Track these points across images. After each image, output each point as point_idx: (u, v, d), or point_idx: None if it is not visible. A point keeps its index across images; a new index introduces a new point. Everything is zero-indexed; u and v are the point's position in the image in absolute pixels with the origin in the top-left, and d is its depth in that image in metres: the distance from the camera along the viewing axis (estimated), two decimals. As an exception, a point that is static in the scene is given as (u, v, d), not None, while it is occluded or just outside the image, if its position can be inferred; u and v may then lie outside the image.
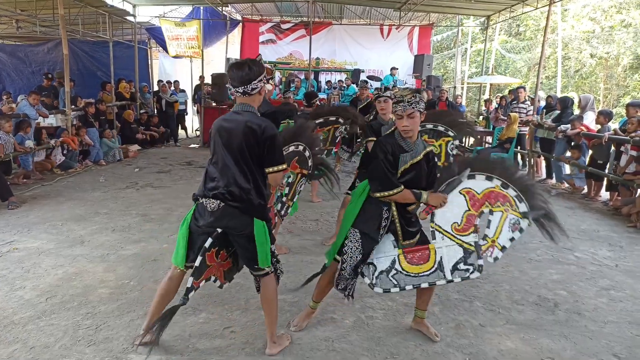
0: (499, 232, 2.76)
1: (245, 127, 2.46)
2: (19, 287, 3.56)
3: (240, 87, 2.52)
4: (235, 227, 2.54)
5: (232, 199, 2.50)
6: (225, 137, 2.51)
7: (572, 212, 6.36)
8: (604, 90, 21.55)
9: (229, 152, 2.50)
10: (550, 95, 9.32)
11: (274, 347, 2.75)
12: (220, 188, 2.51)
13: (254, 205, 2.53)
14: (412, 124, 2.66)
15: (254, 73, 2.52)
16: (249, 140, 2.47)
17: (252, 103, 2.58)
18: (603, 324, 3.28)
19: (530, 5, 11.08)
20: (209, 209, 2.53)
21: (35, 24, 12.14)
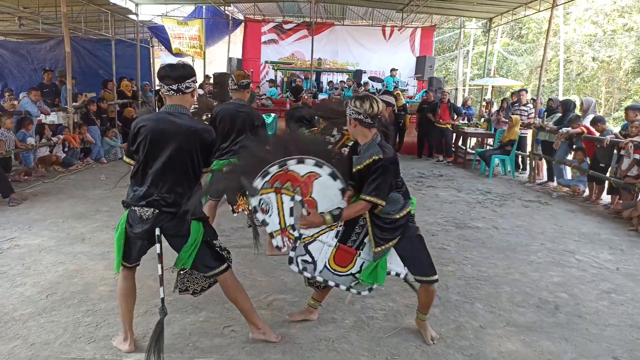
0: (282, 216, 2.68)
1: (190, 132, 2.44)
2: (20, 284, 3.56)
3: (174, 84, 2.44)
4: (170, 228, 2.51)
5: (167, 205, 2.45)
6: (161, 140, 2.41)
7: (573, 215, 6.36)
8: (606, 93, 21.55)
9: (166, 156, 2.41)
10: (552, 98, 9.31)
11: (256, 332, 2.79)
12: (154, 195, 2.43)
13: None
14: (351, 130, 2.70)
15: (187, 72, 2.48)
16: (190, 144, 2.44)
17: (185, 104, 2.51)
18: (604, 327, 3.28)
19: (533, 8, 11.08)
20: (144, 217, 2.46)
21: (37, 21, 12.15)
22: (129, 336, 2.72)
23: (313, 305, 3.14)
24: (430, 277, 2.78)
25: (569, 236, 5.38)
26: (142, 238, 2.53)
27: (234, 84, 4.13)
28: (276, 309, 3.31)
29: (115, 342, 2.77)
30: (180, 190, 2.48)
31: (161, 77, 2.48)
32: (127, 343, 2.71)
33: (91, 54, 13.73)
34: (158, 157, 2.42)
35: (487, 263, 4.40)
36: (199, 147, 2.48)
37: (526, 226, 5.68)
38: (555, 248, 4.94)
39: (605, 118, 7.66)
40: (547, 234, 5.41)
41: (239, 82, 4.12)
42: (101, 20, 12.73)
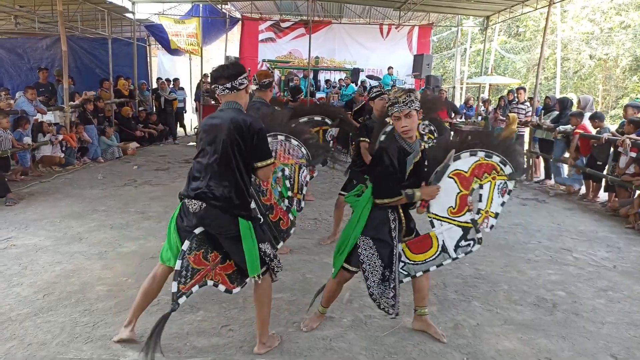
0: (490, 201, 2.87)
1: (230, 123, 2.44)
2: (16, 284, 3.55)
3: (228, 82, 2.50)
4: (218, 228, 2.51)
5: (214, 198, 2.46)
6: (210, 134, 2.49)
7: (571, 213, 6.37)
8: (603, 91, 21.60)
9: (213, 150, 2.47)
10: (549, 96, 9.31)
11: (262, 348, 2.74)
12: (202, 187, 2.48)
13: (234, 204, 2.48)
14: (409, 123, 2.64)
15: (238, 69, 2.54)
16: (233, 137, 2.43)
17: (239, 100, 2.55)
18: (601, 324, 3.28)
19: (530, 6, 11.09)
20: (192, 209, 2.50)
21: (33, 20, 12.11)
22: (132, 324, 2.73)
23: (323, 312, 3.10)
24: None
25: (567, 234, 5.39)
26: (188, 231, 2.53)
27: (256, 84, 4.14)
28: (274, 308, 3.28)
29: (117, 337, 2.77)
30: (227, 184, 2.46)
31: (215, 78, 2.54)
32: (128, 329, 2.73)
33: (88, 53, 13.68)
34: (208, 151, 2.49)
35: (485, 261, 4.40)
36: (241, 138, 2.44)
37: (524, 224, 5.68)
38: (553, 246, 4.95)
39: (604, 115, 7.65)
40: (544, 232, 5.41)
41: (261, 81, 4.13)
42: (98, 19, 12.68)
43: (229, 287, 2.63)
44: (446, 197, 2.83)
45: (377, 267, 2.71)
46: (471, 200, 2.84)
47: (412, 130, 2.67)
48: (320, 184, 7.45)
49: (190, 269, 2.50)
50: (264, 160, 2.52)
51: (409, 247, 2.87)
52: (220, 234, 2.52)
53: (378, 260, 2.71)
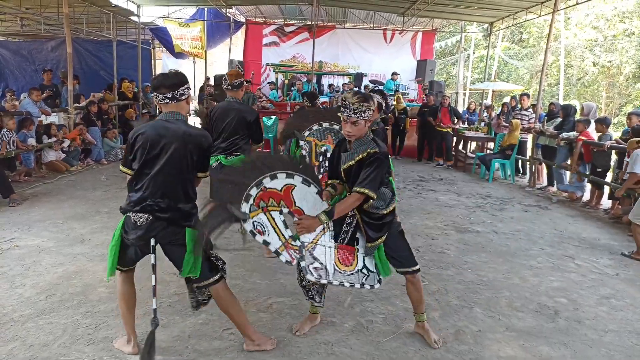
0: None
1: (186, 136, 2.46)
2: (19, 285, 3.56)
3: (169, 92, 2.48)
4: (165, 237, 2.51)
5: (160, 210, 2.45)
6: (158, 145, 2.43)
7: (573, 220, 6.36)
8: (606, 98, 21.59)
9: (161, 161, 2.43)
10: (553, 102, 9.31)
11: (250, 345, 2.77)
12: (147, 200, 2.45)
13: (184, 213, 2.51)
14: (354, 130, 2.65)
15: (180, 80, 2.52)
16: (186, 149, 2.46)
17: (181, 110, 2.54)
18: (603, 332, 3.27)
19: (534, 12, 11.10)
20: (138, 223, 2.47)
21: (39, 22, 12.18)
22: (132, 339, 2.72)
23: (314, 312, 3.13)
24: (412, 267, 2.87)
25: (569, 241, 5.38)
26: (136, 245, 2.54)
27: (227, 84, 4.16)
28: (275, 312, 3.31)
29: (118, 345, 2.77)
30: (175, 196, 2.48)
31: (155, 86, 2.52)
32: (131, 345, 2.72)
33: (92, 55, 13.73)
34: (154, 163, 2.45)
35: (487, 267, 4.40)
36: (195, 151, 2.50)
37: (526, 231, 5.67)
38: (555, 253, 4.94)
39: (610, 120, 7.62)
40: (546, 239, 5.41)
41: (232, 82, 4.15)
42: (103, 21, 12.75)
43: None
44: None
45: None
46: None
47: (355, 136, 2.69)
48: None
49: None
50: (205, 172, 2.65)
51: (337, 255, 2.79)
52: (169, 243, 2.54)
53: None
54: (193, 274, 2.54)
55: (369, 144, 2.67)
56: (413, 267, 2.87)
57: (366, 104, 2.62)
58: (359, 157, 2.65)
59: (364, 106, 2.61)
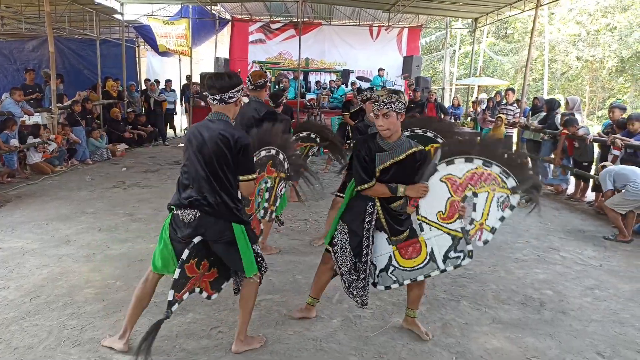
0: (487, 213, 2.71)
1: (219, 135, 2.47)
2: (3, 287, 3.50)
3: (218, 94, 2.52)
4: (213, 235, 2.53)
5: (208, 205, 2.49)
6: (197, 144, 2.50)
7: (558, 213, 6.44)
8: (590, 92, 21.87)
9: (201, 159, 2.49)
10: (537, 97, 9.41)
11: (239, 345, 2.76)
12: (195, 195, 2.49)
13: (229, 209, 2.52)
14: (387, 123, 2.67)
15: (232, 82, 2.54)
16: (220, 149, 2.47)
17: (228, 112, 2.58)
18: (587, 322, 3.33)
19: (518, 8, 11.20)
20: (185, 220, 2.51)
21: (20, 20, 11.96)
22: (126, 335, 2.71)
23: (311, 303, 3.16)
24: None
25: (554, 233, 5.45)
26: (183, 242, 2.54)
27: (251, 84, 4.17)
28: (264, 309, 3.30)
29: (107, 342, 2.75)
30: (219, 191, 2.49)
31: (208, 86, 2.56)
32: (123, 341, 2.70)
33: (76, 54, 13.54)
34: (196, 160, 2.50)
35: (473, 261, 4.34)
36: (229, 152, 2.48)
37: (512, 224, 5.73)
38: (540, 245, 5.00)
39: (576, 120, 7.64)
40: (532, 232, 5.47)
41: (256, 82, 4.15)
42: (86, 19, 12.58)
43: (209, 294, 2.74)
44: (436, 200, 2.76)
45: (347, 254, 2.83)
46: (463, 207, 2.74)
47: (389, 130, 2.69)
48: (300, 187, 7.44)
49: (184, 277, 2.53)
50: (247, 175, 2.57)
51: (399, 250, 2.85)
52: (217, 240, 2.55)
53: (348, 246, 2.82)
54: (253, 270, 2.59)
55: (410, 143, 2.75)
56: None
57: (395, 95, 2.66)
58: (410, 152, 2.71)
59: (393, 97, 2.64)
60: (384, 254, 2.87)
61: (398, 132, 2.74)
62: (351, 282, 2.85)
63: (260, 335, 2.90)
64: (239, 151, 2.50)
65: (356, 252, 2.81)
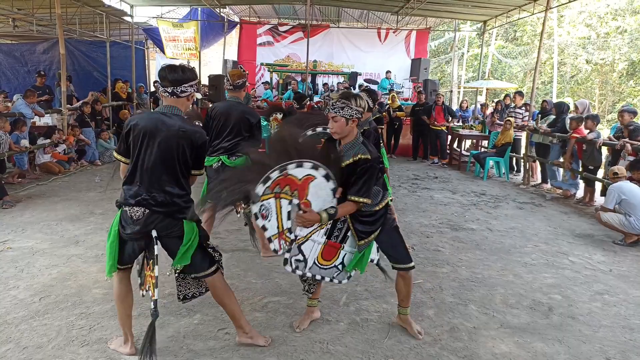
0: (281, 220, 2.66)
1: (179, 132, 2.44)
2: (13, 287, 3.54)
3: (170, 87, 2.48)
4: (162, 229, 2.50)
5: (156, 204, 2.44)
6: (150, 139, 2.42)
7: (567, 217, 6.39)
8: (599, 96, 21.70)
9: (154, 155, 2.42)
10: (546, 100, 9.35)
11: (243, 336, 2.79)
12: (142, 194, 2.44)
13: (180, 207, 2.50)
14: (335, 127, 2.68)
15: (185, 76, 2.51)
16: (180, 145, 2.44)
17: (180, 106, 2.53)
18: (597, 328, 3.30)
19: (527, 11, 11.14)
20: (134, 217, 2.46)
21: (32, 23, 12.11)
22: (129, 339, 2.71)
23: (312, 305, 3.16)
24: (407, 264, 2.91)
25: (563, 238, 5.41)
26: (134, 239, 2.53)
27: (230, 84, 4.10)
28: (271, 311, 3.31)
29: (113, 345, 2.76)
30: (170, 189, 2.47)
31: (160, 77, 2.53)
32: (128, 346, 2.71)
33: (86, 56, 13.69)
34: (148, 156, 2.43)
35: (482, 265, 4.41)
36: (188, 148, 2.48)
37: (520, 228, 5.70)
38: (549, 250, 4.97)
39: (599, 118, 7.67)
40: (541, 236, 5.43)
41: (234, 82, 4.08)
42: (96, 22, 12.70)
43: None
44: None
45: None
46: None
47: (337, 134, 2.70)
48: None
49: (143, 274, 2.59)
50: (199, 170, 2.61)
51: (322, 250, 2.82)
52: (166, 235, 2.52)
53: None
54: (184, 262, 2.56)
55: (359, 149, 2.65)
56: (408, 264, 2.91)
57: (345, 100, 2.65)
58: (350, 160, 2.64)
59: (342, 102, 2.65)
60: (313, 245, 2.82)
61: (350, 137, 2.71)
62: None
63: (267, 337, 2.91)
64: (200, 147, 2.52)
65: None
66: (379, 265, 3.08)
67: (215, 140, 4.02)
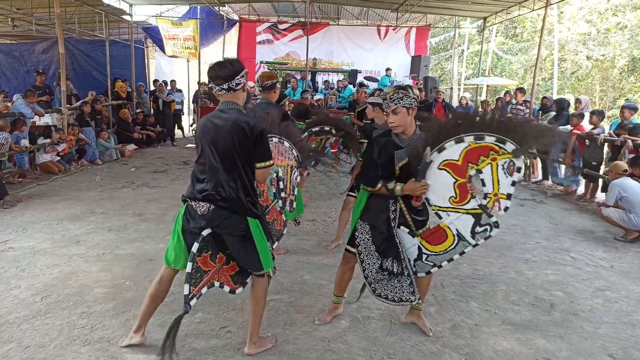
0: (497, 183, 2.68)
1: (234, 125, 2.43)
2: (14, 287, 3.54)
3: (225, 83, 2.48)
4: (227, 228, 2.50)
5: (222, 199, 2.46)
6: (211, 136, 2.46)
7: (568, 214, 6.39)
8: (600, 92, 21.66)
9: (216, 152, 2.45)
10: (546, 96, 9.33)
11: (252, 348, 2.74)
12: (209, 190, 2.47)
13: (244, 203, 2.49)
14: (397, 120, 2.67)
15: (235, 69, 2.50)
16: (237, 139, 2.43)
17: (237, 100, 2.54)
18: (598, 324, 3.29)
19: (527, 7, 11.12)
20: (199, 212, 2.49)
21: (31, 22, 12.09)
22: (141, 330, 2.73)
23: (337, 302, 3.19)
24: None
25: (564, 234, 5.41)
26: (196, 233, 2.51)
27: (259, 85, 4.19)
28: (272, 310, 3.30)
29: (126, 341, 2.76)
30: (234, 185, 2.46)
31: (212, 77, 2.52)
32: (139, 335, 2.73)
33: (85, 55, 13.66)
34: (210, 153, 2.46)
35: (483, 262, 4.41)
36: (244, 139, 2.44)
37: (521, 225, 5.69)
38: (551, 246, 4.96)
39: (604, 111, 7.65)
40: (542, 233, 5.43)
41: (263, 84, 4.15)
42: (95, 21, 12.69)
43: (232, 288, 2.67)
44: (443, 188, 2.74)
45: (373, 253, 2.80)
46: (472, 187, 2.72)
47: (400, 127, 2.70)
48: (319, 185, 7.46)
49: (200, 271, 2.51)
50: (264, 162, 2.53)
51: (425, 239, 2.84)
52: (230, 233, 2.52)
53: (372, 245, 2.81)
54: (270, 266, 2.61)
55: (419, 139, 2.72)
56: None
57: (403, 91, 2.66)
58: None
59: (400, 93, 2.65)
60: (411, 247, 2.86)
61: (412, 128, 2.74)
62: (378, 282, 2.80)
63: (270, 335, 2.90)
64: (256, 138, 2.46)
65: (381, 251, 2.79)
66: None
67: None
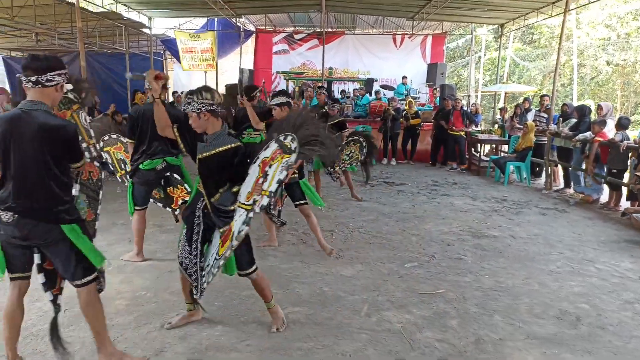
0: (272, 179, 2.78)
1: (40, 130, 2.22)
2: (38, 299, 3.57)
3: (34, 76, 2.23)
4: (36, 237, 2.36)
5: (24, 210, 2.28)
6: (13, 141, 2.22)
7: (592, 223, 6.24)
8: (621, 97, 21.28)
9: (19, 158, 2.24)
10: (566, 103, 9.20)
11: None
12: (10, 201, 2.27)
13: (52, 212, 2.34)
14: (191, 121, 2.85)
15: (50, 64, 2.29)
16: (45, 144, 2.24)
17: (45, 99, 2.29)
18: (628, 339, 3.19)
19: (545, 13, 11.01)
20: (4, 220, 2.29)
21: (54, 37, 12.41)
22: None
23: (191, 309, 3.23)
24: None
25: (588, 244, 5.28)
26: (7, 242, 2.40)
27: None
28: (291, 322, 3.28)
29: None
30: (39, 192, 2.29)
31: (22, 67, 2.31)
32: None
33: (105, 68, 13.97)
34: (12, 160, 2.25)
35: (505, 273, 4.33)
36: (56, 144, 2.29)
37: (544, 234, 5.58)
38: (575, 257, 4.85)
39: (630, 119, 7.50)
40: (565, 243, 5.31)
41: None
42: (115, 34, 12.96)
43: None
44: (249, 183, 2.85)
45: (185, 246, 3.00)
46: (259, 183, 2.82)
47: (198, 128, 2.86)
48: (336, 195, 7.43)
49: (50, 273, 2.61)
50: (78, 162, 2.49)
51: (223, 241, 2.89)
52: (44, 243, 2.40)
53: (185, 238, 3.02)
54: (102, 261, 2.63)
55: (229, 139, 2.89)
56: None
57: (190, 96, 2.82)
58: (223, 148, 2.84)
59: (188, 98, 2.83)
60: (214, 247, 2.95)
61: (212, 129, 2.87)
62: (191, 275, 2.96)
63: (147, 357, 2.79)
64: (67, 141, 2.32)
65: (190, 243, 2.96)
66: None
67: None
